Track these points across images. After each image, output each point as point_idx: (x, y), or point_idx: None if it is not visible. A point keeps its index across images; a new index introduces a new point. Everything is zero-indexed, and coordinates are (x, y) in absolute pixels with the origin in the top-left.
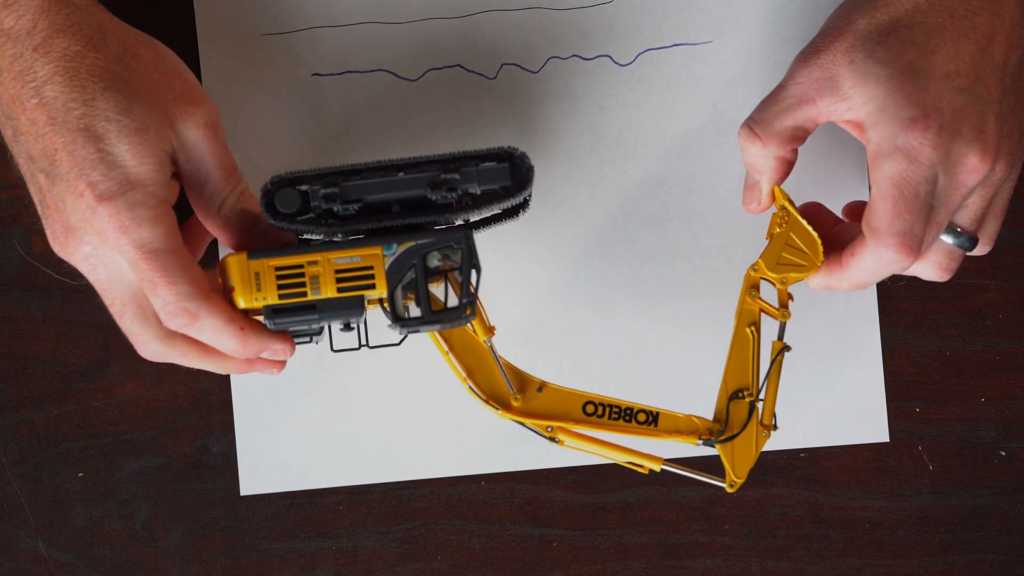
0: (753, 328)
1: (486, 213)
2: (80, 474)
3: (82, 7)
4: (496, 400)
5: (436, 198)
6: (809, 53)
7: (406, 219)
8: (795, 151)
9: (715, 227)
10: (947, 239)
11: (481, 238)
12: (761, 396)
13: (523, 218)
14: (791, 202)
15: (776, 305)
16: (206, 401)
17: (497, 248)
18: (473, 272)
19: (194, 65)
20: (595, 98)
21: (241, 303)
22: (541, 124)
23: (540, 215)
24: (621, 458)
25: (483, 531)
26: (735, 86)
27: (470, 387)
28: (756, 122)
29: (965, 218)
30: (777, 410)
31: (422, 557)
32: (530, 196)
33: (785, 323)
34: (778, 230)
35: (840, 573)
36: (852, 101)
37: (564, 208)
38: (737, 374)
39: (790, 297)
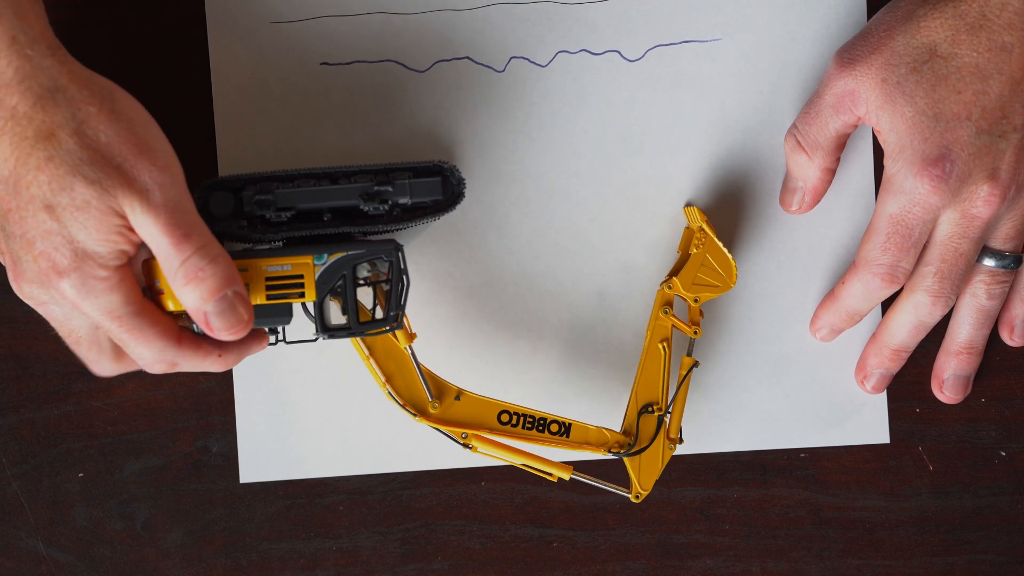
0: (665, 344)
1: (416, 225)
2: (80, 474)
3: (35, 59)
4: (414, 406)
5: (368, 209)
6: (846, 59)
7: (338, 228)
8: (838, 159)
9: (719, 225)
10: (990, 262)
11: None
12: (669, 410)
13: (526, 213)
14: (708, 223)
15: (688, 322)
16: (206, 401)
17: (500, 242)
18: (402, 284)
19: (202, 52)
20: (603, 93)
21: (170, 305)
22: (548, 118)
23: (545, 208)
24: (533, 466)
25: (483, 531)
26: (744, 84)
27: (389, 392)
28: (801, 134)
29: (998, 240)
30: (777, 409)
31: (422, 557)
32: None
33: (695, 340)
34: (695, 250)
35: (840, 573)
36: (879, 123)
37: (569, 203)
38: (647, 388)
39: (702, 315)
